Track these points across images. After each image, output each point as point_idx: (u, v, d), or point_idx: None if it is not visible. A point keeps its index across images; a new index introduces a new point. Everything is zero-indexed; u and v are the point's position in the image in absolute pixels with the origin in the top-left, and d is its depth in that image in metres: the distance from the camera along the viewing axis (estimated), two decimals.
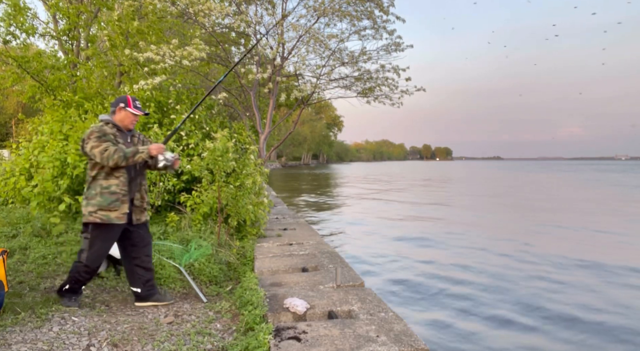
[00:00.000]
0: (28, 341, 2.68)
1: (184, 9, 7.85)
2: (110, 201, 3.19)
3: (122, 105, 3.32)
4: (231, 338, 2.92)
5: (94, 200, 3.18)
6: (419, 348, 2.59)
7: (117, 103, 3.36)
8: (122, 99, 3.35)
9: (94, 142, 3.15)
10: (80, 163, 5.68)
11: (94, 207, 3.17)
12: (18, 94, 14.40)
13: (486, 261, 7.69)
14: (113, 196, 3.20)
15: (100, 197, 3.18)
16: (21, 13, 8.01)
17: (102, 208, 3.17)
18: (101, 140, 3.16)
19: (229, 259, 4.81)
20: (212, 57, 9.13)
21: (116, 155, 3.10)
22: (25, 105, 30.15)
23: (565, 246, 9.13)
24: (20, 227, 5.46)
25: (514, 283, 6.35)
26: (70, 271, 3.29)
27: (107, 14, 9.45)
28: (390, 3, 8.62)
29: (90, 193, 3.21)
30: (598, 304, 5.48)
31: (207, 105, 8.13)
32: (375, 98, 9.86)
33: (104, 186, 3.20)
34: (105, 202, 3.18)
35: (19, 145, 6.80)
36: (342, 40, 8.95)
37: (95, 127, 3.25)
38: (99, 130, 3.21)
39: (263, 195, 6.33)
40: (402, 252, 8.49)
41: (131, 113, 3.35)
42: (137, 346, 2.72)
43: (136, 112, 3.35)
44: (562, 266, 7.34)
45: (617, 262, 7.60)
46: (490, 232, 10.92)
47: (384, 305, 3.35)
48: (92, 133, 3.18)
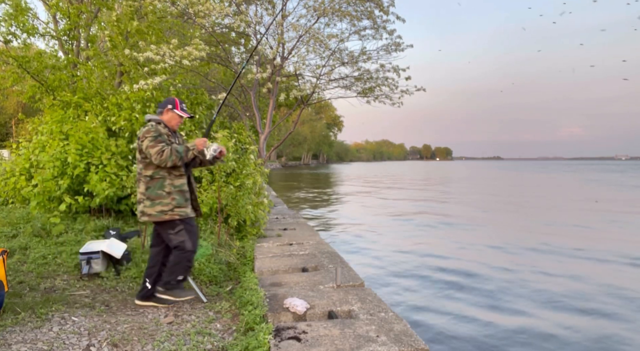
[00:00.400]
0: (28, 341, 2.68)
1: (183, 9, 7.85)
2: (185, 199, 3.35)
3: (170, 106, 3.42)
4: (231, 338, 2.92)
5: (166, 200, 3.26)
6: (419, 348, 2.59)
7: (165, 104, 3.46)
8: (170, 101, 3.45)
9: (149, 142, 3.22)
10: (81, 163, 5.68)
11: (168, 205, 3.26)
12: (18, 94, 14.40)
13: (487, 260, 7.69)
14: (186, 194, 3.37)
15: (177, 196, 3.29)
16: (22, 13, 8.01)
17: (179, 206, 3.29)
18: (157, 140, 3.24)
19: (229, 259, 4.81)
20: (212, 57, 9.13)
21: (173, 155, 3.20)
22: (25, 105, 30.16)
23: (567, 244, 9.14)
24: (20, 227, 5.46)
25: (515, 283, 6.35)
26: (179, 263, 3.36)
27: (107, 14, 9.46)
28: (390, 3, 8.63)
29: (156, 193, 3.26)
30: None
31: (207, 105, 8.14)
32: (375, 98, 9.86)
33: (176, 185, 3.32)
34: (182, 200, 3.32)
35: (19, 145, 6.81)
36: (342, 40, 8.95)
37: (151, 126, 3.32)
38: (155, 129, 3.29)
39: (263, 195, 6.33)
40: (402, 251, 8.48)
41: (178, 115, 3.45)
42: (137, 346, 2.72)
43: (183, 115, 3.46)
44: (570, 270, 7.34)
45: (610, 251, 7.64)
46: (491, 231, 10.92)
47: (384, 305, 3.35)
48: (148, 132, 3.26)
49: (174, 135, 3.49)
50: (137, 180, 3.36)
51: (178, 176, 3.34)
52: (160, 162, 3.18)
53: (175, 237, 3.34)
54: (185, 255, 3.36)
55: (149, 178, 3.29)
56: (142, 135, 3.27)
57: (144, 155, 3.27)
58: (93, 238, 5.07)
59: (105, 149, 5.92)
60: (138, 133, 3.34)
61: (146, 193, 3.29)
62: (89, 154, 5.83)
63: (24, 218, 5.78)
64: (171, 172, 3.32)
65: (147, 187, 3.29)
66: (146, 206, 3.28)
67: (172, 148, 3.22)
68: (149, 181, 3.28)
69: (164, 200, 3.26)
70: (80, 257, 4.08)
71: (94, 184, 5.51)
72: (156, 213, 3.26)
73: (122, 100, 6.98)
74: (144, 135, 3.27)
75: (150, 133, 3.26)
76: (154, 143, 3.21)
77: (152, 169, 3.29)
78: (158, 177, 3.28)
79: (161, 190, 3.27)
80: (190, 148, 3.27)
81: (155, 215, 3.27)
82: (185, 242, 3.34)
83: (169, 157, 3.18)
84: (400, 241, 9.65)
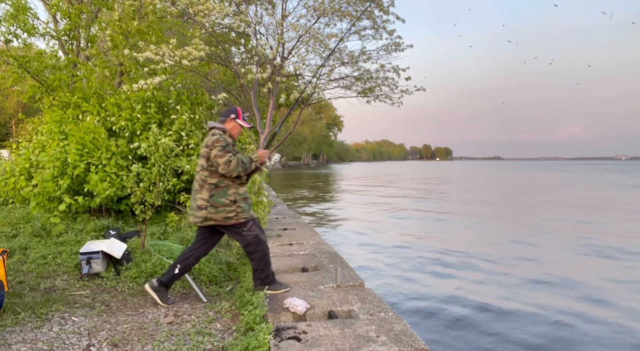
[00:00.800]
0: (28, 341, 2.68)
1: (183, 9, 7.85)
2: (249, 205, 3.51)
3: (233, 116, 3.54)
4: (231, 338, 2.92)
5: (231, 207, 3.38)
6: (419, 348, 2.59)
7: (228, 114, 3.55)
8: (233, 110, 3.57)
9: (218, 151, 3.32)
10: (81, 163, 5.68)
11: (233, 212, 3.39)
12: (18, 94, 14.41)
13: (487, 260, 7.69)
14: (249, 200, 3.53)
15: (242, 204, 3.43)
16: (23, 13, 8.00)
17: (242, 212, 3.43)
18: (225, 150, 3.33)
19: (229, 259, 4.81)
20: (212, 57, 9.13)
21: (239, 167, 3.33)
22: (25, 105, 30.19)
23: (567, 244, 9.14)
24: (20, 227, 5.46)
25: (515, 283, 6.35)
26: (261, 260, 3.52)
27: (107, 14, 9.45)
28: (390, 3, 8.62)
29: (220, 201, 3.36)
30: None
31: (207, 105, 8.13)
32: (376, 98, 9.86)
33: (240, 193, 3.45)
34: (246, 207, 3.47)
35: (19, 145, 6.80)
36: (341, 40, 8.94)
37: (220, 135, 3.39)
38: (224, 139, 3.38)
39: (263, 195, 6.32)
40: (402, 251, 8.49)
41: (239, 125, 3.57)
42: (137, 346, 2.72)
43: (244, 125, 3.58)
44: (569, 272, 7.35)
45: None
46: (490, 230, 10.92)
47: (384, 305, 3.35)
48: (217, 141, 3.35)
49: (235, 145, 3.59)
50: (200, 187, 3.42)
51: (240, 184, 3.48)
52: (227, 172, 3.30)
53: (248, 232, 3.48)
54: (262, 247, 3.51)
55: (213, 186, 3.38)
56: (212, 143, 3.35)
57: (210, 163, 3.37)
58: (93, 238, 5.07)
59: (105, 149, 5.93)
60: (206, 141, 3.41)
61: (210, 201, 3.38)
62: (89, 154, 5.83)
63: (24, 218, 5.78)
64: (235, 180, 3.43)
65: (210, 194, 3.38)
66: (210, 212, 3.38)
67: (238, 159, 3.34)
68: (214, 189, 3.38)
69: (228, 208, 3.38)
70: (80, 257, 4.08)
71: (94, 184, 5.51)
72: (222, 219, 3.39)
73: (122, 100, 6.98)
74: (213, 143, 3.34)
75: (219, 142, 3.34)
76: (222, 153, 3.30)
77: (217, 177, 3.38)
78: (222, 185, 3.39)
79: (225, 198, 3.38)
80: (253, 160, 3.42)
81: (221, 221, 3.40)
82: (259, 235, 3.50)
83: (236, 167, 3.30)
84: (400, 241, 9.65)
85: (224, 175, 3.36)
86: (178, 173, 6.21)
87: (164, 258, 4.32)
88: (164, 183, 4.94)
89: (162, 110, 7.18)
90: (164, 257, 4.37)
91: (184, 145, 6.42)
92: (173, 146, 5.72)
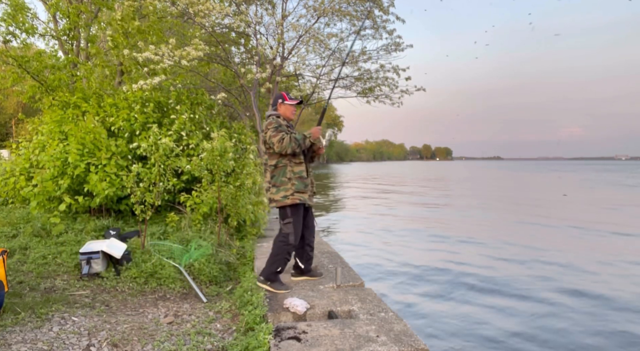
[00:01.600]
0: (28, 341, 2.68)
1: (184, 9, 7.85)
2: (304, 185, 3.64)
3: (280, 100, 3.77)
4: (231, 338, 2.92)
5: (287, 185, 3.59)
6: (419, 348, 2.59)
7: (275, 101, 3.81)
8: (279, 96, 3.80)
9: (271, 132, 3.56)
10: (81, 163, 5.68)
11: (289, 190, 3.58)
12: (18, 94, 14.40)
13: (486, 259, 7.70)
14: (305, 180, 3.65)
15: (296, 181, 3.60)
16: (21, 12, 7.99)
17: (298, 191, 3.60)
18: (278, 130, 3.57)
19: (229, 259, 4.80)
20: (212, 57, 9.13)
21: (292, 142, 3.51)
22: (25, 105, 30.18)
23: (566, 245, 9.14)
24: (20, 227, 5.46)
25: (515, 282, 6.35)
26: (277, 255, 3.67)
27: (107, 14, 9.45)
28: (390, 3, 8.62)
29: (280, 180, 3.61)
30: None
31: (207, 105, 8.13)
32: (376, 98, 9.87)
33: (296, 172, 3.63)
34: (301, 186, 3.62)
35: (19, 145, 6.80)
36: (341, 40, 8.95)
37: (273, 119, 3.66)
38: (275, 121, 3.63)
39: (263, 195, 6.32)
40: (402, 251, 8.49)
41: (289, 105, 3.77)
42: (137, 346, 2.72)
43: (293, 103, 3.77)
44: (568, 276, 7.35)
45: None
46: (490, 229, 10.92)
47: (384, 305, 3.35)
48: (269, 124, 3.61)
49: (292, 127, 3.81)
50: (264, 170, 3.72)
51: (298, 163, 3.65)
52: (281, 148, 3.50)
53: (284, 227, 3.66)
54: (287, 248, 3.65)
55: (273, 167, 3.63)
56: (265, 127, 3.62)
57: (268, 146, 3.61)
58: (93, 238, 5.07)
59: (105, 149, 5.92)
60: (262, 127, 3.69)
61: (272, 181, 3.64)
62: (89, 154, 5.83)
63: (24, 218, 5.78)
64: (292, 159, 3.62)
65: (272, 175, 3.64)
66: (272, 193, 3.63)
67: (291, 136, 3.53)
68: (274, 170, 3.63)
69: (285, 186, 3.58)
70: (80, 257, 4.08)
71: (93, 184, 5.51)
72: (280, 199, 3.58)
73: (120, 100, 6.97)
74: (266, 127, 3.61)
75: (271, 124, 3.59)
76: (275, 132, 3.54)
77: (276, 158, 3.62)
78: (281, 165, 3.61)
79: (284, 176, 3.60)
80: (306, 136, 3.58)
81: (280, 201, 3.59)
82: (289, 236, 3.64)
83: (289, 144, 3.49)
84: (400, 241, 9.65)
85: (281, 155, 3.57)
86: (178, 173, 6.21)
87: (164, 258, 4.32)
88: (164, 183, 4.94)
89: (161, 110, 7.18)
90: (164, 257, 4.37)
91: (183, 145, 6.41)
92: (173, 146, 5.72)
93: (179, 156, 6.20)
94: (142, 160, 6.07)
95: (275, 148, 3.53)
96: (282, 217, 3.68)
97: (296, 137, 3.54)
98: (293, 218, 3.63)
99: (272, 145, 3.55)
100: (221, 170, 5.31)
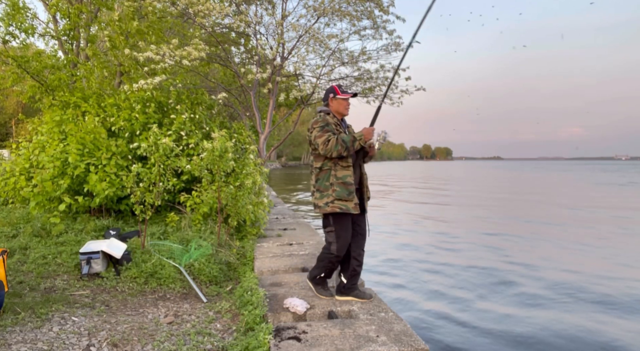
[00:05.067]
0: (28, 341, 2.68)
1: (183, 9, 7.85)
2: (348, 192, 3.26)
3: (332, 95, 3.41)
4: (231, 338, 2.92)
5: (329, 191, 3.27)
6: (419, 348, 2.59)
7: (327, 96, 3.45)
8: (330, 90, 3.44)
9: (317, 132, 3.24)
10: (81, 163, 5.68)
11: (330, 197, 3.26)
12: (18, 94, 14.41)
13: (485, 259, 7.69)
14: (349, 187, 3.27)
15: (338, 187, 3.25)
16: (20, 12, 7.99)
17: (339, 199, 3.25)
18: (324, 130, 3.24)
19: (229, 259, 4.80)
20: (212, 57, 9.13)
21: (339, 145, 3.17)
22: (25, 105, 30.17)
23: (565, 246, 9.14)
24: (20, 227, 5.46)
25: (515, 283, 6.35)
26: (321, 261, 3.47)
27: (107, 14, 9.45)
28: (390, 3, 8.62)
29: (324, 185, 3.29)
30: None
31: (207, 105, 8.13)
32: (376, 98, 9.87)
33: (339, 177, 3.28)
34: (344, 193, 3.25)
35: (19, 145, 6.80)
36: (342, 40, 8.95)
37: (320, 116, 3.35)
38: (323, 119, 3.31)
39: (263, 195, 6.33)
40: (402, 251, 8.48)
41: (342, 99, 3.41)
42: (137, 346, 2.72)
43: (345, 97, 3.40)
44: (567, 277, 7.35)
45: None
46: (490, 229, 10.92)
47: (384, 305, 3.35)
48: (316, 123, 3.30)
49: (343, 124, 3.49)
50: (310, 173, 3.46)
51: (344, 167, 3.30)
52: (325, 151, 3.19)
53: (326, 235, 3.41)
54: (329, 256, 3.39)
55: (318, 170, 3.34)
56: (311, 126, 3.31)
57: (314, 147, 3.30)
58: (93, 238, 5.07)
59: (105, 149, 5.93)
60: (308, 125, 3.38)
61: (316, 185, 3.35)
62: (89, 154, 5.83)
63: (24, 218, 5.78)
64: (337, 163, 3.29)
65: (316, 178, 3.35)
66: (316, 198, 3.33)
67: (338, 138, 3.19)
68: (319, 173, 3.34)
69: (327, 192, 3.27)
70: (80, 257, 4.08)
71: (93, 184, 5.51)
72: (323, 205, 3.28)
73: (121, 100, 6.98)
74: (312, 126, 3.30)
75: (318, 123, 3.28)
76: (321, 133, 3.23)
77: (321, 161, 3.31)
78: (326, 168, 3.31)
79: (327, 181, 3.29)
80: (357, 139, 3.22)
81: (322, 207, 3.28)
82: (332, 245, 3.35)
83: (335, 146, 3.16)
84: (400, 241, 9.65)
85: (326, 157, 3.28)
86: (178, 173, 6.21)
87: (163, 258, 4.32)
88: (164, 183, 4.94)
89: (161, 110, 7.18)
90: (163, 257, 4.37)
91: (183, 145, 6.42)
92: (173, 146, 5.73)
93: (178, 156, 6.21)
94: (142, 160, 6.07)
95: (319, 151, 3.22)
96: (324, 225, 3.40)
97: (344, 139, 3.19)
98: (335, 227, 3.31)
99: (316, 146, 3.23)
100: (221, 170, 5.32)
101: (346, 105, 3.43)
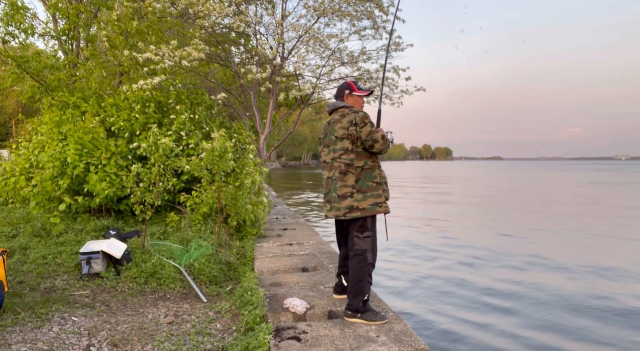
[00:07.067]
0: (28, 341, 2.68)
1: (183, 9, 7.85)
2: (388, 192, 3.13)
3: (347, 91, 3.22)
4: (231, 338, 2.92)
5: (379, 191, 3.03)
6: (419, 348, 2.59)
7: (341, 92, 3.25)
8: (345, 86, 3.25)
9: (371, 127, 3.00)
10: (80, 163, 5.68)
11: (381, 197, 3.03)
12: (18, 94, 14.40)
13: (485, 258, 7.70)
14: (387, 186, 3.15)
15: (387, 187, 3.12)
16: (19, 12, 7.99)
17: (387, 199, 3.10)
18: (373, 124, 3.04)
19: (229, 259, 4.81)
20: (211, 57, 9.13)
21: (388, 141, 3.02)
22: (25, 105, 30.16)
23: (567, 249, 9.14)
24: (20, 227, 5.46)
25: (515, 282, 6.35)
26: (358, 282, 2.97)
27: (106, 14, 9.45)
28: (390, 3, 8.62)
29: (368, 185, 3.01)
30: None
31: (207, 105, 8.13)
32: (376, 98, 9.86)
33: (384, 176, 3.12)
34: (389, 193, 3.12)
35: (19, 145, 6.80)
36: (342, 40, 8.95)
37: (362, 113, 3.06)
38: (367, 115, 3.06)
39: (263, 195, 6.33)
40: (402, 251, 8.49)
41: (358, 97, 3.24)
42: (137, 346, 2.72)
43: (362, 94, 3.24)
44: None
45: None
46: (489, 229, 10.92)
47: (383, 305, 3.35)
48: (365, 118, 3.02)
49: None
50: (343, 173, 3.03)
51: (379, 167, 3.13)
52: (384, 147, 2.99)
53: (361, 242, 3.03)
54: (367, 268, 3.00)
55: (360, 169, 3.03)
56: (360, 121, 2.99)
57: (357, 144, 3.01)
58: (93, 238, 5.07)
59: (105, 149, 5.93)
60: (346, 120, 3.02)
61: (356, 186, 3.00)
62: (88, 154, 5.83)
63: (24, 218, 5.78)
64: (376, 160, 3.10)
65: (357, 178, 3.01)
66: (357, 200, 2.98)
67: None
68: (360, 172, 3.02)
69: (375, 192, 3.01)
70: (80, 257, 4.08)
71: (93, 184, 5.51)
72: (369, 207, 2.98)
73: (120, 100, 6.98)
74: (362, 120, 2.99)
75: (367, 118, 3.01)
76: (374, 128, 3.01)
77: (364, 159, 3.04)
78: (367, 167, 3.05)
79: (372, 181, 3.02)
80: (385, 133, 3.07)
81: (368, 209, 2.97)
82: (367, 253, 3.02)
83: (388, 142, 3.01)
84: (400, 241, 9.65)
85: (368, 154, 3.04)
86: (178, 173, 6.21)
87: (164, 258, 4.32)
88: (164, 183, 4.94)
89: (161, 110, 7.18)
90: (163, 257, 4.37)
91: (183, 145, 6.42)
92: (173, 146, 5.73)
93: (178, 156, 6.21)
94: (142, 160, 6.08)
95: (378, 146, 2.96)
96: (362, 230, 3.02)
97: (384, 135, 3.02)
98: (373, 231, 3.08)
99: (372, 142, 2.96)
100: (221, 170, 5.32)
101: (362, 103, 3.28)
